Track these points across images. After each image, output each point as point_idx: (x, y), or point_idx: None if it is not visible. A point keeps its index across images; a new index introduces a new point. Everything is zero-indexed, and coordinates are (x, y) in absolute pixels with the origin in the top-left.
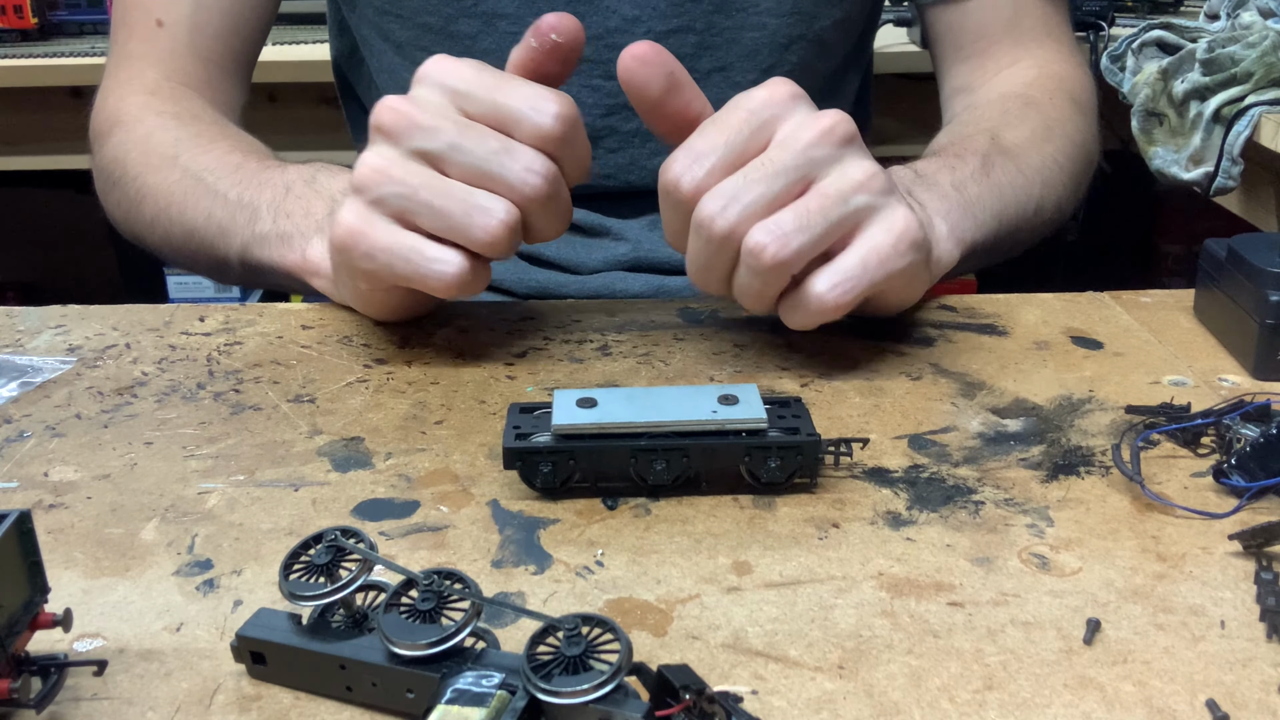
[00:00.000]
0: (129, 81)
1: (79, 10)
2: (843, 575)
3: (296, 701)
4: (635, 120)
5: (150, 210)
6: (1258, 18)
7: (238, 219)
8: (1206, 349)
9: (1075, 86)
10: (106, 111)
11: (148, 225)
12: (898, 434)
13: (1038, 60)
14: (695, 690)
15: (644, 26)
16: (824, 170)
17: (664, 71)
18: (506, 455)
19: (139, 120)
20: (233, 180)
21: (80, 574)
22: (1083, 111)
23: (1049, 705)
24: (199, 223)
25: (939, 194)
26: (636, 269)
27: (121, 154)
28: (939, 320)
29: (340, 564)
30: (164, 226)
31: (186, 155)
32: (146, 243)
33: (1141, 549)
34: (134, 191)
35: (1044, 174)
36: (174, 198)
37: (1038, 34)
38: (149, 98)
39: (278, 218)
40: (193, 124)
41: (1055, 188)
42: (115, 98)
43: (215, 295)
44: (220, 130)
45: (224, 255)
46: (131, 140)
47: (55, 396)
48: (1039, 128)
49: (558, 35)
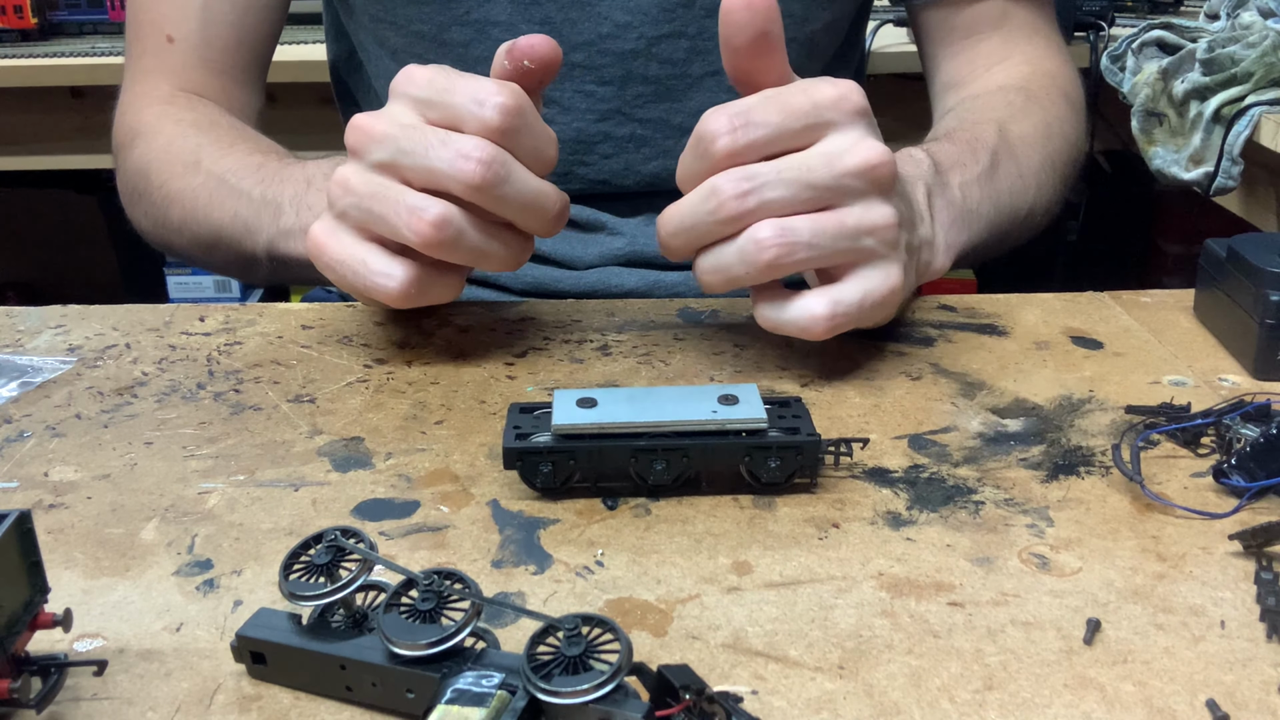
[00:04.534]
0: (144, 95)
1: (79, 10)
2: (843, 575)
3: (296, 701)
4: (629, 125)
5: (178, 215)
6: (1258, 18)
7: (263, 216)
8: (1206, 349)
9: (1067, 83)
10: (125, 125)
11: (176, 230)
12: (898, 434)
13: (1028, 56)
14: (695, 690)
15: (636, 32)
16: (851, 201)
17: (758, 29)
18: (506, 455)
19: (158, 130)
20: (255, 179)
21: (80, 574)
22: (1075, 109)
23: (1049, 705)
24: (226, 222)
25: (947, 200)
26: (632, 264)
27: (144, 164)
28: (939, 320)
29: (340, 564)
30: (192, 230)
31: (208, 159)
32: (176, 249)
33: (1141, 549)
34: (160, 199)
35: (1039, 177)
36: (199, 200)
37: (1026, 31)
38: (165, 107)
39: (300, 211)
40: (211, 130)
41: (1047, 190)
42: (133, 111)
43: (215, 295)
44: (238, 133)
45: (251, 252)
46: (153, 150)
47: (55, 396)
48: (1040, 125)
49: (530, 61)
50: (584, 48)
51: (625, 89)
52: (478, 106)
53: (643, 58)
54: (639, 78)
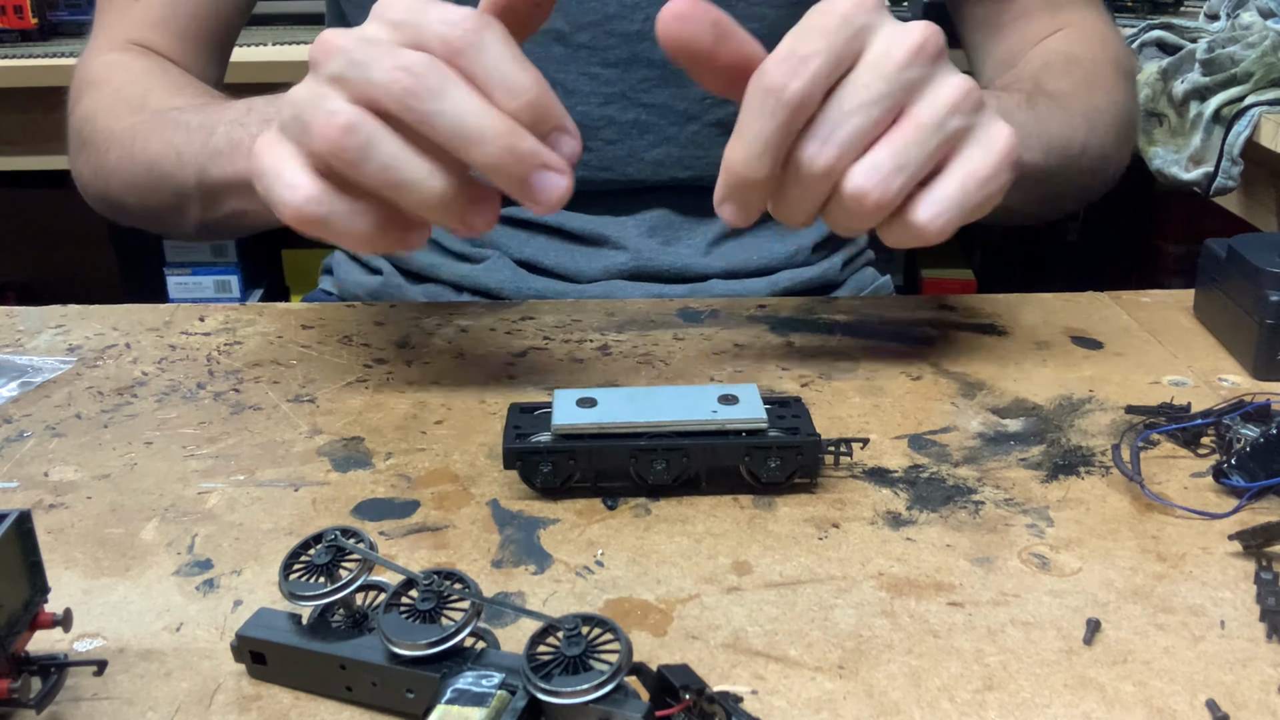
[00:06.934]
0: (101, 48)
1: (79, 10)
2: (843, 575)
3: (296, 701)
4: (634, 110)
5: (114, 157)
6: (1258, 18)
7: (194, 140)
8: (1206, 349)
9: (1117, 49)
10: (77, 77)
11: (111, 173)
12: (898, 434)
13: (1077, 26)
14: (695, 690)
15: (642, 13)
16: (918, 93)
17: (709, 21)
18: (506, 455)
19: (108, 79)
20: (196, 112)
21: (80, 574)
22: (1123, 73)
23: (1049, 705)
24: (159, 154)
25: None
26: (636, 278)
27: (91, 112)
28: (939, 320)
29: (340, 564)
30: (126, 168)
31: (155, 100)
32: (111, 197)
33: (1141, 549)
34: (102, 142)
35: (1089, 118)
36: (137, 136)
37: (1076, 5)
38: (119, 55)
39: (233, 131)
40: (163, 75)
41: (1099, 132)
42: (86, 63)
43: (215, 295)
44: (189, 80)
45: (182, 184)
46: (101, 98)
47: (55, 396)
48: (1081, 80)
49: None
50: (590, 28)
51: (630, 72)
52: (440, 24)
53: (648, 40)
54: (644, 61)
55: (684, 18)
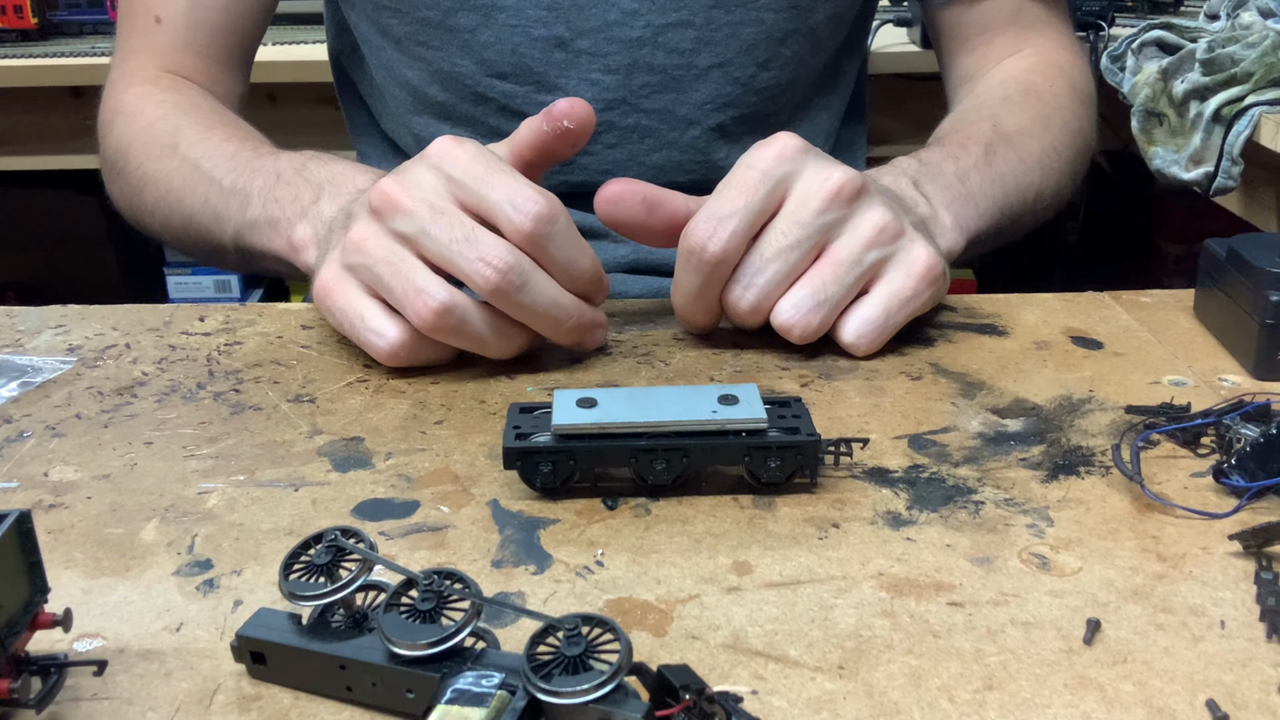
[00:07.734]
0: (130, 74)
1: (79, 10)
2: (843, 575)
3: (296, 701)
4: (634, 115)
5: (151, 197)
6: (1258, 18)
7: (230, 205)
8: (1206, 349)
9: (1075, 74)
10: (109, 103)
11: (149, 212)
12: (898, 434)
13: (1039, 49)
14: (695, 690)
15: (643, 20)
16: (836, 232)
17: (638, 198)
18: (506, 455)
19: (139, 111)
20: (228, 168)
21: (80, 574)
22: (1081, 99)
23: (1049, 705)
24: (196, 208)
25: (943, 184)
26: (636, 270)
27: (124, 144)
28: (939, 320)
29: (340, 564)
30: (164, 213)
31: (185, 143)
32: (149, 229)
33: (1141, 549)
34: (136, 180)
35: (1043, 161)
36: (173, 185)
37: (1039, 24)
38: (148, 87)
39: (267, 203)
40: (192, 112)
41: (1054, 174)
42: (117, 90)
43: (215, 295)
44: (219, 118)
45: (219, 240)
46: (133, 130)
47: (55, 396)
48: (1039, 115)
49: (570, 122)
50: (591, 34)
51: (631, 78)
52: (512, 209)
53: (649, 46)
54: (644, 66)
55: (617, 200)
